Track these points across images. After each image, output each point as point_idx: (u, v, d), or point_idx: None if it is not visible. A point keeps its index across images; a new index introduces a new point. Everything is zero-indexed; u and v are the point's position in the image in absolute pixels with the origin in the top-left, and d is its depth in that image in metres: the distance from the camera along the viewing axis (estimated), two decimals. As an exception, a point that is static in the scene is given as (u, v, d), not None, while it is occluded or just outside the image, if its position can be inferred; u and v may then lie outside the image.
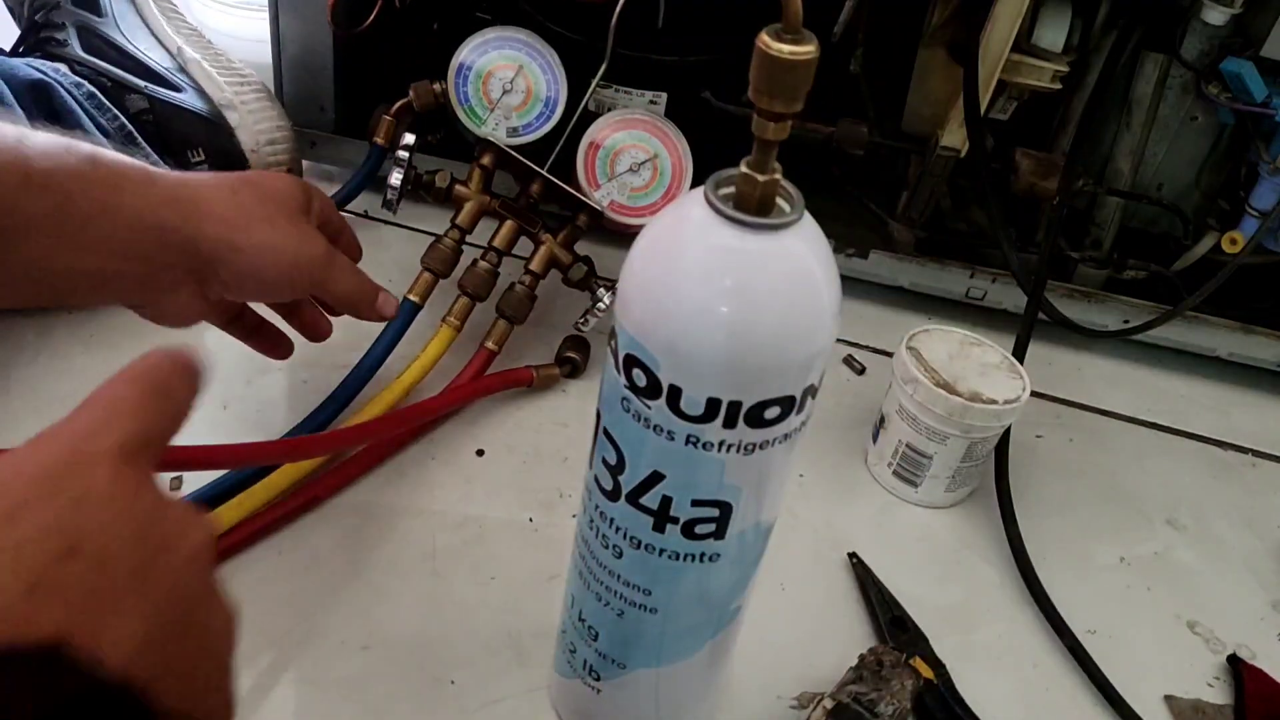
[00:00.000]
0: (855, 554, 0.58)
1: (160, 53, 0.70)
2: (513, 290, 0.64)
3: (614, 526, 0.38)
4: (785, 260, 0.33)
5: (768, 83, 0.30)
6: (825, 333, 0.34)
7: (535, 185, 0.64)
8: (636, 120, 0.65)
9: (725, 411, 0.34)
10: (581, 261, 0.65)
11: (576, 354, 0.66)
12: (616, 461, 0.37)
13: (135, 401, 0.27)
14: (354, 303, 0.55)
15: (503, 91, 0.64)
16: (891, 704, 0.47)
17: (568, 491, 0.59)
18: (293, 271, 0.49)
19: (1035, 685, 0.54)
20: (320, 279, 0.51)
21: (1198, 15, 0.67)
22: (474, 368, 0.62)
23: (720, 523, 0.37)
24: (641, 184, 0.65)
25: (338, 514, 0.55)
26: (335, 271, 0.52)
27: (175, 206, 0.45)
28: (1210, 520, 0.66)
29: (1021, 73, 0.67)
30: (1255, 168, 0.71)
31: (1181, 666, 0.56)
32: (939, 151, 0.70)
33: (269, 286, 0.50)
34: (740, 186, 0.33)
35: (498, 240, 0.64)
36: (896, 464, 0.62)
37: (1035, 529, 0.61)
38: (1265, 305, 0.78)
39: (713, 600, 0.41)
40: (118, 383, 0.28)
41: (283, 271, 0.49)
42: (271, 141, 0.70)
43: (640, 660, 0.42)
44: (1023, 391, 0.59)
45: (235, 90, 0.70)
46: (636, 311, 0.34)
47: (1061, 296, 0.74)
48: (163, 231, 0.44)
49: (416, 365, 0.61)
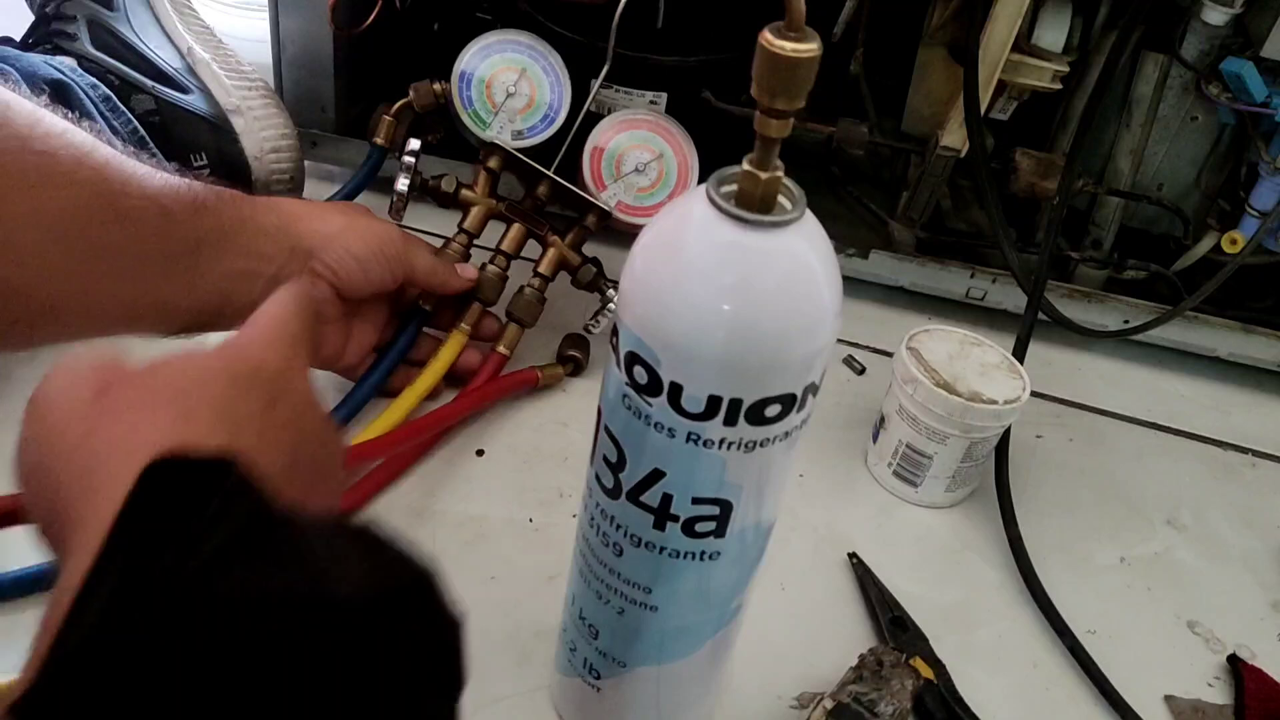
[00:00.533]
0: (855, 554, 0.58)
1: (170, 51, 0.69)
2: (522, 294, 0.63)
3: (614, 524, 0.38)
4: (787, 258, 0.33)
5: (770, 80, 0.30)
6: (826, 330, 0.34)
7: (542, 187, 0.64)
8: (640, 120, 0.65)
9: (726, 409, 0.34)
10: (590, 263, 0.65)
11: (578, 351, 0.66)
12: (617, 459, 0.37)
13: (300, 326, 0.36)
14: (439, 272, 0.59)
15: (506, 95, 0.64)
16: (891, 704, 0.47)
17: (568, 491, 0.59)
18: (381, 246, 0.55)
19: (1035, 685, 0.54)
20: (403, 252, 0.57)
21: (1198, 15, 0.67)
22: (486, 372, 0.62)
23: (721, 521, 0.37)
24: (648, 184, 0.65)
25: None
26: (416, 244, 0.58)
27: (276, 214, 0.52)
28: (1210, 520, 0.66)
29: (1021, 73, 0.67)
30: (1255, 168, 0.71)
31: (1181, 666, 0.56)
32: (939, 151, 0.71)
33: (364, 264, 0.55)
34: (742, 184, 0.33)
35: (506, 244, 0.64)
36: (896, 464, 0.62)
37: (1035, 529, 0.61)
38: (1265, 305, 0.78)
39: (713, 598, 0.41)
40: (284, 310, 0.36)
41: (370, 246, 0.55)
42: (275, 150, 0.70)
43: (641, 658, 0.42)
44: (1023, 391, 0.59)
45: (243, 95, 0.69)
46: (638, 309, 0.34)
47: (1061, 296, 0.74)
48: (279, 234, 0.51)
49: (429, 372, 0.60)
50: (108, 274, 0.43)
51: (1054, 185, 0.72)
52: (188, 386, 0.31)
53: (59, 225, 0.40)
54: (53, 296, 0.41)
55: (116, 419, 0.29)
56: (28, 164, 0.39)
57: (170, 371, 0.31)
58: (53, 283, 0.41)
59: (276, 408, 0.32)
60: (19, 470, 0.31)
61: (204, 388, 0.31)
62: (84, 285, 0.42)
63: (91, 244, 0.41)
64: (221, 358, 0.33)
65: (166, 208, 0.44)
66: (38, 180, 0.39)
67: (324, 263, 0.53)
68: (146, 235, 0.44)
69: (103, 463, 0.28)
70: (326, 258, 0.53)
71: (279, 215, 0.52)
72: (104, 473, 0.27)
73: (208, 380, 0.31)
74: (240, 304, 0.49)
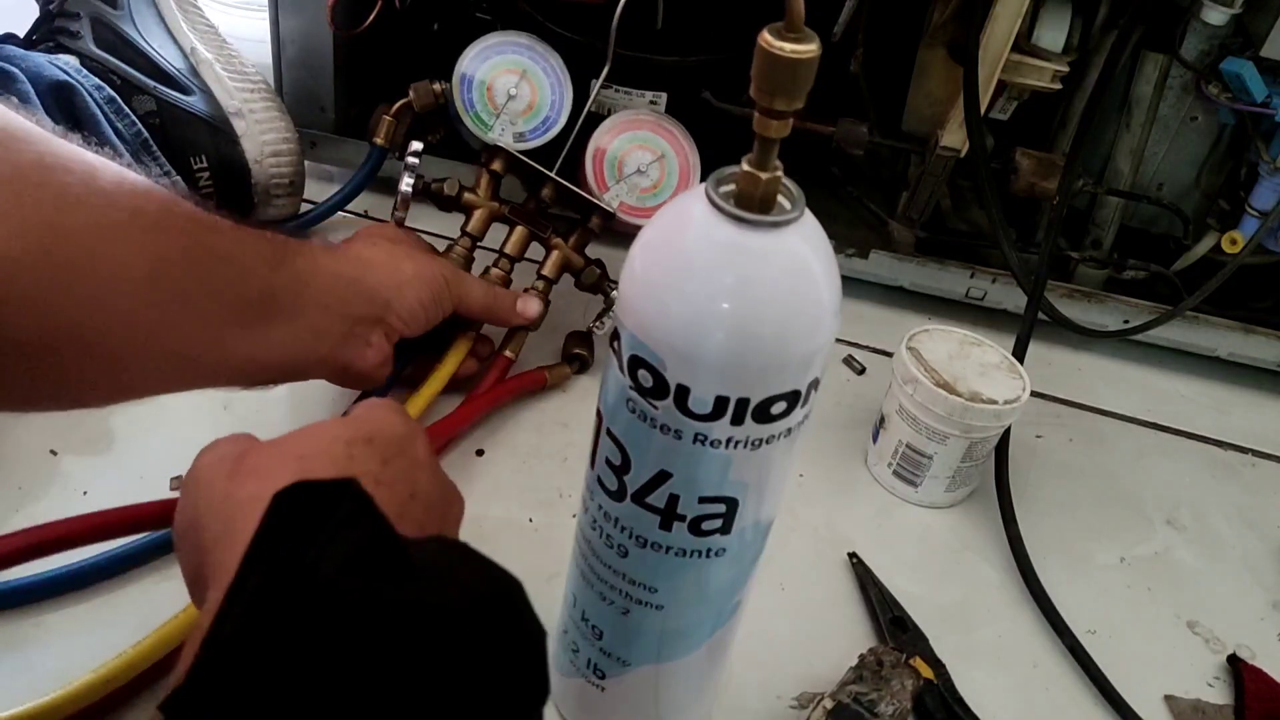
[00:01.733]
0: (855, 554, 0.58)
1: (173, 50, 0.69)
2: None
3: (619, 526, 0.38)
4: (786, 257, 0.33)
5: (769, 81, 0.30)
6: (826, 329, 0.34)
7: (545, 189, 0.64)
8: (641, 121, 0.65)
9: (733, 409, 0.34)
10: (594, 265, 0.65)
11: (583, 349, 0.66)
12: (621, 462, 0.37)
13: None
14: (491, 307, 0.61)
15: (508, 97, 0.64)
16: (891, 704, 0.47)
17: (568, 491, 0.59)
18: (441, 288, 0.56)
19: (1035, 685, 0.54)
20: (455, 293, 0.57)
21: (1198, 15, 0.67)
22: (493, 376, 0.62)
23: (727, 518, 0.37)
24: (650, 184, 0.65)
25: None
26: (467, 281, 0.59)
27: (348, 262, 0.52)
28: (1210, 520, 0.66)
29: (1021, 73, 0.67)
30: (1255, 168, 0.71)
31: (1181, 666, 0.56)
32: (939, 151, 0.71)
33: (429, 310, 0.56)
34: (742, 184, 0.33)
35: (509, 247, 0.64)
36: (896, 464, 0.62)
37: (1035, 529, 0.61)
38: (1265, 305, 0.78)
39: (717, 595, 0.41)
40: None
41: (433, 292, 0.56)
42: (276, 153, 0.69)
43: (643, 657, 0.42)
44: (1023, 391, 0.59)
45: (245, 98, 0.69)
46: (640, 312, 0.34)
47: (1061, 296, 0.74)
48: (353, 283, 0.51)
49: (436, 378, 0.60)
50: (192, 326, 0.42)
51: (1054, 185, 0.72)
52: (309, 450, 0.36)
53: (148, 277, 0.39)
54: (139, 350, 0.40)
55: (250, 479, 0.34)
56: (117, 220, 0.38)
57: (295, 439, 0.36)
58: (140, 336, 0.40)
59: (391, 465, 0.36)
60: (176, 535, 0.37)
61: (324, 449, 0.36)
62: (169, 337, 0.41)
63: (178, 295, 0.41)
64: (340, 425, 0.38)
65: (248, 258, 0.44)
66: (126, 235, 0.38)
67: (399, 316, 0.54)
68: (229, 286, 0.43)
69: (240, 515, 0.33)
70: (402, 310, 0.54)
71: (355, 265, 0.52)
72: (241, 522, 0.32)
73: (327, 444, 0.36)
74: (319, 356, 0.49)
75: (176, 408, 0.60)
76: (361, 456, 0.36)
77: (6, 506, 0.52)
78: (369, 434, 0.37)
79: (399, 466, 0.37)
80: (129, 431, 0.58)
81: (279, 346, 0.47)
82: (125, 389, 0.42)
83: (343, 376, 0.53)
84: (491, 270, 0.63)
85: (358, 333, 0.51)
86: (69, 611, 0.48)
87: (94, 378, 0.40)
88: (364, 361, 0.52)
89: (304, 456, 0.35)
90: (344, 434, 0.37)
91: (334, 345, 0.50)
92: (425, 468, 0.38)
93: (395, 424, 0.39)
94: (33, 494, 0.53)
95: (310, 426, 0.37)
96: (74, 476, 0.55)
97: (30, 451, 0.55)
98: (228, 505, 0.34)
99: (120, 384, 0.42)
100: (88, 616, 0.48)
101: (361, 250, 0.55)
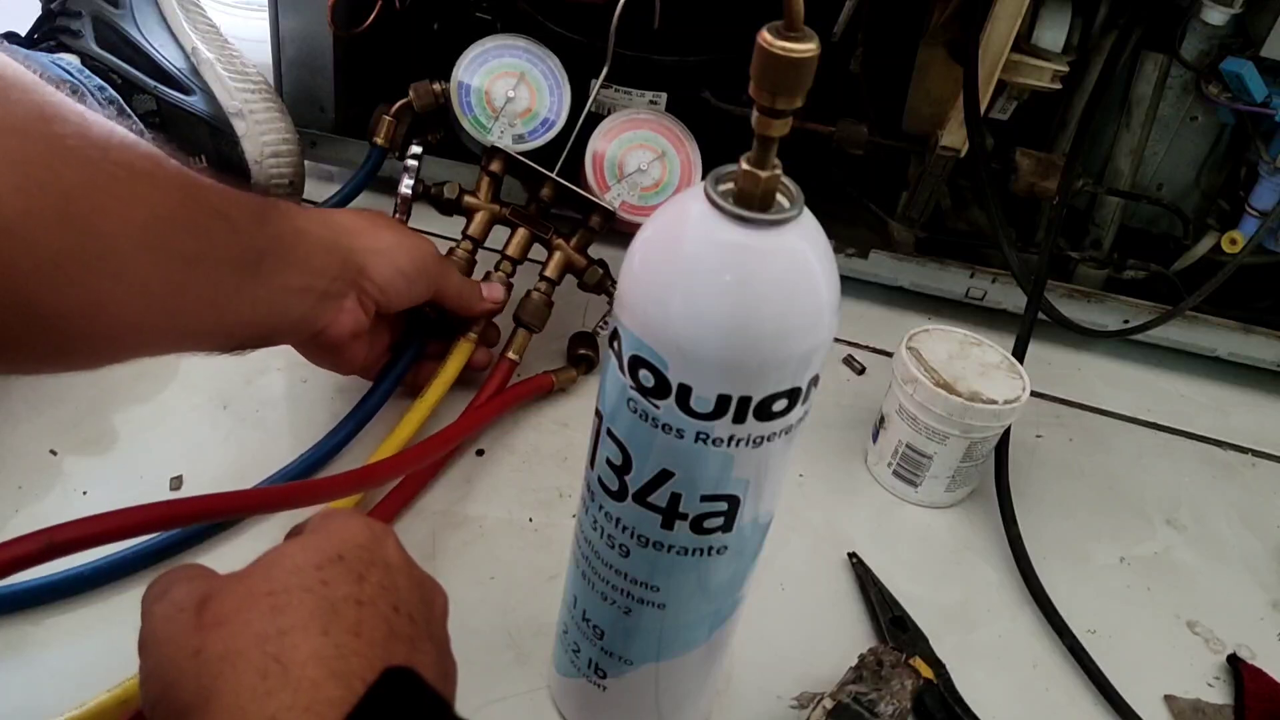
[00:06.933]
0: (855, 554, 0.58)
1: (174, 50, 0.69)
2: (529, 298, 0.63)
3: (620, 526, 0.38)
4: (786, 256, 0.33)
5: (769, 80, 0.30)
6: (825, 328, 0.34)
7: (546, 190, 0.64)
8: (641, 120, 0.65)
9: (735, 407, 0.34)
10: (597, 265, 0.65)
11: (589, 349, 0.66)
12: (623, 462, 0.37)
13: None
14: (466, 295, 0.60)
15: (506, 100, 0.64)
16: (891, 704, 0.47)
17: (568, 491, 0.59)
18: (423, 262, 0.56)
19: (1035, 685, 0.54)
20: (438, 271, 0.57)
21: (1198, 15, 0.67)
22: (497, 380, 0.62)
23: (728, 516, 0.37)
24: (651, 183, 0.65)
25: (338, 513, 0.55)
26: (449, 265, 0.60)
27: (330, 227, 0.51)
28: (1210, 520, 0.66)
29: (1021, 73, 0.67)
30: (1255, 168, 0.71)
31: (1181, 666, 0.56)
32: (939, 151, 0.71)
33: (410, 281, 0.55)
34: (741, 183, 0.33)
35: (511, 249, 0.64)
36: (896, 464, 0.62)
37: (1035, 529, 0.61)
38: (1265, 305, 0.78)
39: (718, 591, 0.41)
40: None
41: (416, 263, 0.55)
42: (276, 154, 0.69)
43: (645, 655, 0.42)
44: (1023, 391, 0.59)
45: (245, 99, 0.69)
46: (639, 312, 0.34)
47: (1061, 296, 0.74)
48: (333, 248, 0.51)
49: (439, 382, 0.60)
50: (190, 284, 0.41)
51: (1054, 185, 0.72)
52: (278, 585, 0.33)
53: (148, 234, 0.39)
54: (140, 310, 0.40)
55: (219, 632, 0.32)
56: (115, 174, 0.37)
57: (259, 573, 0.33)
58: (142, 295, 0.39)
59: (367, 581, 0.34)
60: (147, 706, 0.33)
61: (294, 582, 0.33)
62: (169, 297, 0.41)
63: (176, 253, 0.40)
64: (303, 549, 0.34)
65: (236, 216, 0.44)
66: (125, 190, 0.38)
67: (374, 282, 0.53)
68: (222, 244, 0.43)
69: (217, 672, 0.30)
70: (377, 276, 0.53)
71: (332, 229, 0.51)
72: (221, 681, 0.30)
73: (295, 573, 0.33)
74: (294, 318, 0.49)
75: (176, 407, 0.60)
76: (336, 579, 0.33)
77: (6, 506, 0.52)
78: (337, 551, 0.34)
79: (376, 580, 0.34)
80: (129, 431, 0.58)
81: (262, 305, 0.46)
82: (123, 349, 0.41)
83: (316, 345, 0.53)
84: (493, 274, 0.63)
85: (332, 293, 0.50)
86: (70, 612, 0.48)
87: (96, 342, 0.39)
88: (338, 328, 0.51)
89: (274, 593, 0.32)
90: (311, 559, 0.34)
91: (309, 307, 0.49)
92: (402, 571, 0.36)
93: (359, 533, 0.36)
94: (33, 494, 0.53)
95: (270, 555, 0.34)
96: (74, 476, 0.55)
97: (30, 451, 0.55)
98: (197, 664, 0.31)
99: (119, 344, 0.41)
100: (89, 617, 0.48)
101: (342, 217, 0.54)
